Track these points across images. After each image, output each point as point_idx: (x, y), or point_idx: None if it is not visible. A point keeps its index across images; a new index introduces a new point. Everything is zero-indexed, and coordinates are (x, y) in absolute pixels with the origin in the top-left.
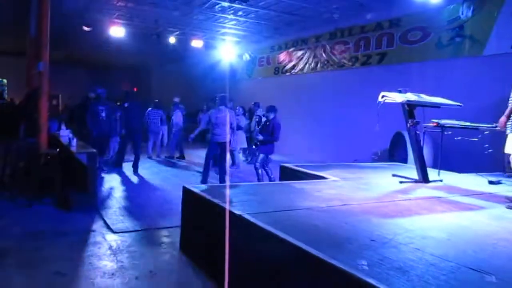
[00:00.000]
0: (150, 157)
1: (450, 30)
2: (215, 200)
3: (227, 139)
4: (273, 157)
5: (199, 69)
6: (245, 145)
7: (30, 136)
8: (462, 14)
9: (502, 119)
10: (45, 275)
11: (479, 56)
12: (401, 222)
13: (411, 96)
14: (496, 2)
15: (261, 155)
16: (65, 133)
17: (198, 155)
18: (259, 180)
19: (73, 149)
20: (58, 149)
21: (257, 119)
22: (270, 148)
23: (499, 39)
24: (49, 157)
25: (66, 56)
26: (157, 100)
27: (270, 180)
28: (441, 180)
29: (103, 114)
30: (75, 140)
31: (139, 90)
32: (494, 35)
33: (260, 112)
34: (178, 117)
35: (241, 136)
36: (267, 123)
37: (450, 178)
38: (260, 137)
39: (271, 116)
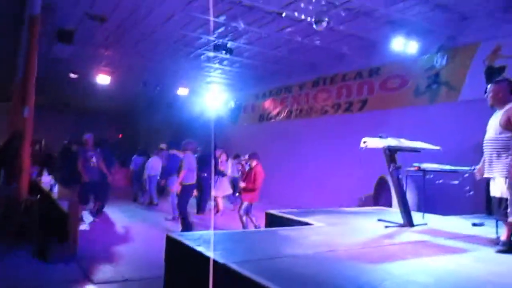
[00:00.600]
0: (136, 202)
1: (426, 78)
2: (199, 249)
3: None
4: (258, 203)
5: (186, 115)
6: (230, 192)
7: (10, 182)
8: (437, 63)
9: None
10: None
11: (455, 102)
12: (388, 267)
13: (392, 141)
14: (468, 52)
15: (245, 203)
16: (46, 179)
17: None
18: (244, 227)
19: (55, 195)
20: (38, 196)
21: (239, 167)
22: (254, 195)
23: (473, 85)
24: (28, 204)
25: (51, 101)
26: (140, 148)
27: (255, 227)
28: (425, 224)
29: (94, 160)
30: (56, 186)
31: (125, 136)
32: (468, 82)
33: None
34: (156, 163)
35: (225, 183)
36: (250, 170)
37: (435, 221)
38: (243, 185)
39: (254, 163)
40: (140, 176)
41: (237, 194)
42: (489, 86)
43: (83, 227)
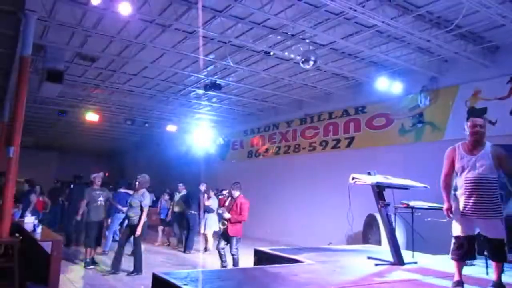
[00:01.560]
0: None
1: (411, 117)
2: (185, 287)
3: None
4: (246, 240)
5: (174, 152)
6: (217, 228)
7: None
8: (421, 102)
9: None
10: None
11: (440, 141)
12: None
13: (380, 178)
14: (450, 92)
15: (234, 239)
16: (29, 220)
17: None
18: (235, 265)
19: (37, 236)
20: (20, 237)
21: (219, 196)
22: (240, 228)
23: (456, 124)
24: (9, 246)
25: (36, 141)
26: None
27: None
28: (415, 262)
29: (101, 199)
30: (40, 227)
31: (112, 173)
32: (451, 121)
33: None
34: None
35: (213, 219)
36: (232, 201)
37: (425, 259)
38: (227, 215)
39: (236, 193)
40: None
41: (220, 226)
42: (476, 119)
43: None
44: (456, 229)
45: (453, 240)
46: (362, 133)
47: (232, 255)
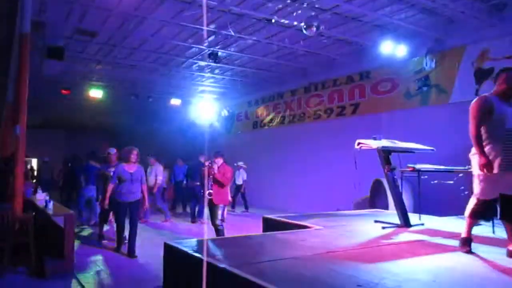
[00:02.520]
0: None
1: (416, 81)
2: (198, 254)
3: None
4: (254, 209)
5: (179, 126)
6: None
7: (5, 201)
8: (426, 65)
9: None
10: None
11: (445, 104)
12: (387, 266)
13: (385, 143)
14: (456, 54)
15: (219, 208)
16: (41, 197)
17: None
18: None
19: (50, 212)
20: (34, 213)
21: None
22: (225, 195)
23: (463, 87)
24: (23, 222)
25: (43, 120)
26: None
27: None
28: (422, 224)
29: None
30: (51, 203)
31: (119, 149)
32: (458, 84)
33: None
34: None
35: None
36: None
37: (431, 221)
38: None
39: (220, 161)
40: None
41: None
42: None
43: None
44: (487, 188)
45: (475, 201)
46: (367, 99)
47: (217, 226)
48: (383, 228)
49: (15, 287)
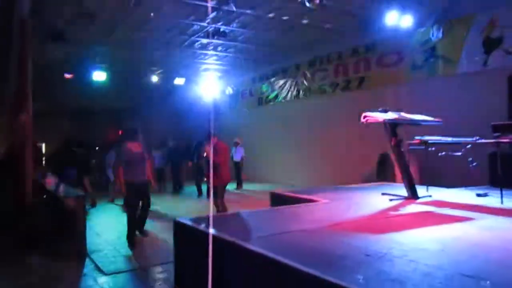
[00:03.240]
0: None
1: (423, 52)
2: (207, 230)
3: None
4: (261, 185)
5: (183, 105)
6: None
7: (16, 185)
8: (433, 36)
9: None
10: None
11: (452, 75)
12: (394, 237)
13: (392, 115)
14: (464, 23)
15: (218, 188)
16: (51, 180)
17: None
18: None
19: (61, 194)
20: (45, 196)
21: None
22: (224, 175)
23: (470, 58)
24: (36, 205)
25: (48, 106)
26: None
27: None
28: (430, 196)
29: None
30: (62, 185)
31: (125, 131)
32: (465, 54)
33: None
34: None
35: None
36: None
37: (439, 193)
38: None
39: (215, 140)
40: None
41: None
42: None
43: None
44: None
45: None
46: (372, 72)
47: (217, 207)
48: (391, 200)
49: (30, 270)
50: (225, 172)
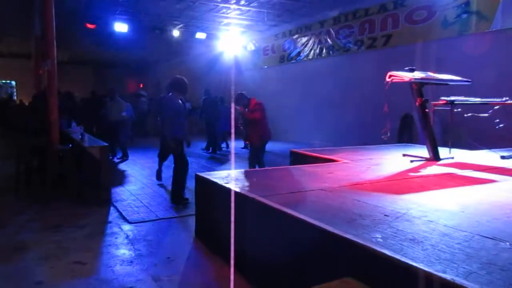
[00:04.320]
0: None
1: (456, 7)
2: (228, 185)
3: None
4: (280, 144)
5: (204, 61)
6: None
7: (42, 134)
8: None
9: None
10: (66, 265)
11: (486, 32)
12: (414, 197)
13: (418, 74)
14: None
15: (250, 148)
16: (76, 130)
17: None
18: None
19: (86, 144)
20: (70, 145)
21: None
22: (254, 136)
23: (506, 14)
24: (62, 153)
25: (71, 56)
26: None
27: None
28: (452, 158)
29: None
30: (87, 135)
31: (145, 85)
32: (501, 10)
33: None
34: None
35: None
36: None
37: (462, 155)
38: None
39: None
40: None
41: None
42: None
43: None
44: None
45: None
46: (400, 29)
47: (249, 166)
48: (411, 161)
49: (59, 211)
50: (256, 134)
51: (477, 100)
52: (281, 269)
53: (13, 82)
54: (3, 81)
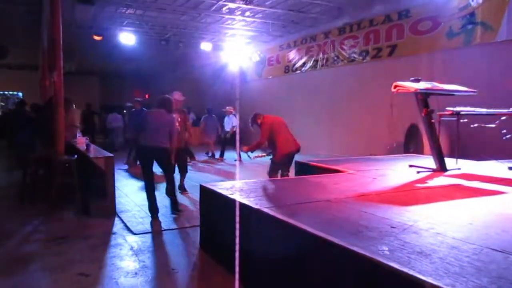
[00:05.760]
0: None
1: (461, 18)
2: (232, 196)
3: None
4: None
5: (209, 71)
6: None
7: (48, 145)
8: (473, 1)
9: None
10: (70, 276)
11: (491, 43)
12: (421, 209)
13: (424, 85)
14: None
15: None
16: (82, 140)
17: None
18: None
19: (91, 155)
20: (76, 156)
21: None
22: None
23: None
24: (67, 164)
25: (78, 67)
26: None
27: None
28: (459, 169)
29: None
30: (92, 146)
31: (151, 96)
32: (506, 21)
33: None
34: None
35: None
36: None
37: (468, 166)
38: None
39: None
40: None
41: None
42: None
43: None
44: None
45: None
46: (405, 39)
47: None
48: (418, 172)
49: (63, 222)
50: (276, 150)
51: (484, 110)
52: (286, 281)
53: (20, 94)
54: (11, 92)
